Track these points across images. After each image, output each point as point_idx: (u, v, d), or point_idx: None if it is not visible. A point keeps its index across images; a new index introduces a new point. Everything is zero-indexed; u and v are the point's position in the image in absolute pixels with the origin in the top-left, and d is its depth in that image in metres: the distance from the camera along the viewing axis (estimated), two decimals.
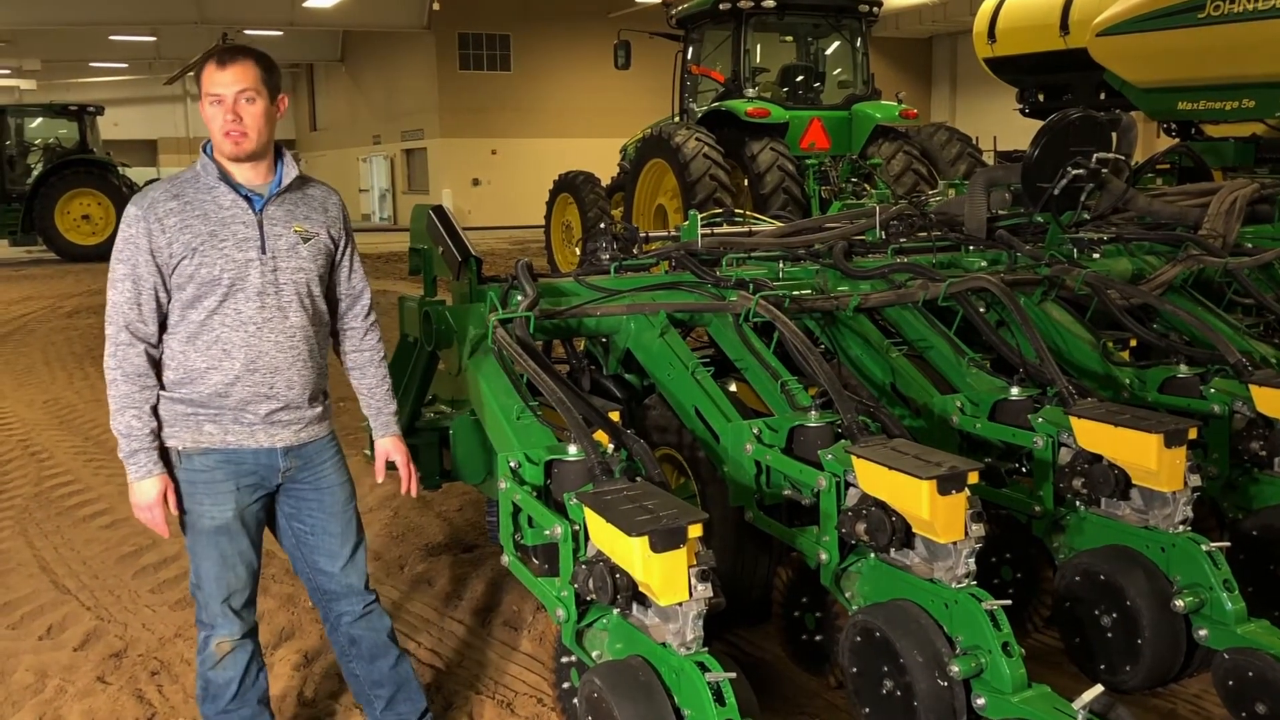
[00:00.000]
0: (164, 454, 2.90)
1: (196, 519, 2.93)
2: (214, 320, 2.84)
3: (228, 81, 2.83)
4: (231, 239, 2.84)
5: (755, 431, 3.60)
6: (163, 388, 2.88)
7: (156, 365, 2.87)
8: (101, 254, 21.43)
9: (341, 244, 3.07)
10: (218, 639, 3.00)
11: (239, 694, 3.04)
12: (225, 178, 2.88)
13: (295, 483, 3.03)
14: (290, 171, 2.96)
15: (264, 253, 2.86)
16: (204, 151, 2.92)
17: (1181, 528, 3.50)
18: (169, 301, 2.85)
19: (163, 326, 2.87)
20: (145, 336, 2.84)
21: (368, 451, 3.60)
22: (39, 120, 23.01)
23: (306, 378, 2.95)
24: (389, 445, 3.21)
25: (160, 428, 2.88)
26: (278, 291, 2.88)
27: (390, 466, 3.27)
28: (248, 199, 2.88)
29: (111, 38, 31.86)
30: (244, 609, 3.02)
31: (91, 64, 36.05)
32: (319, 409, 3.03)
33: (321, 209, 3.02)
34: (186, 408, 2.87)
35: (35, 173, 21.79)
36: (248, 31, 30.50)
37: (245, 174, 2.90)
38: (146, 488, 2.86)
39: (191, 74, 35.43)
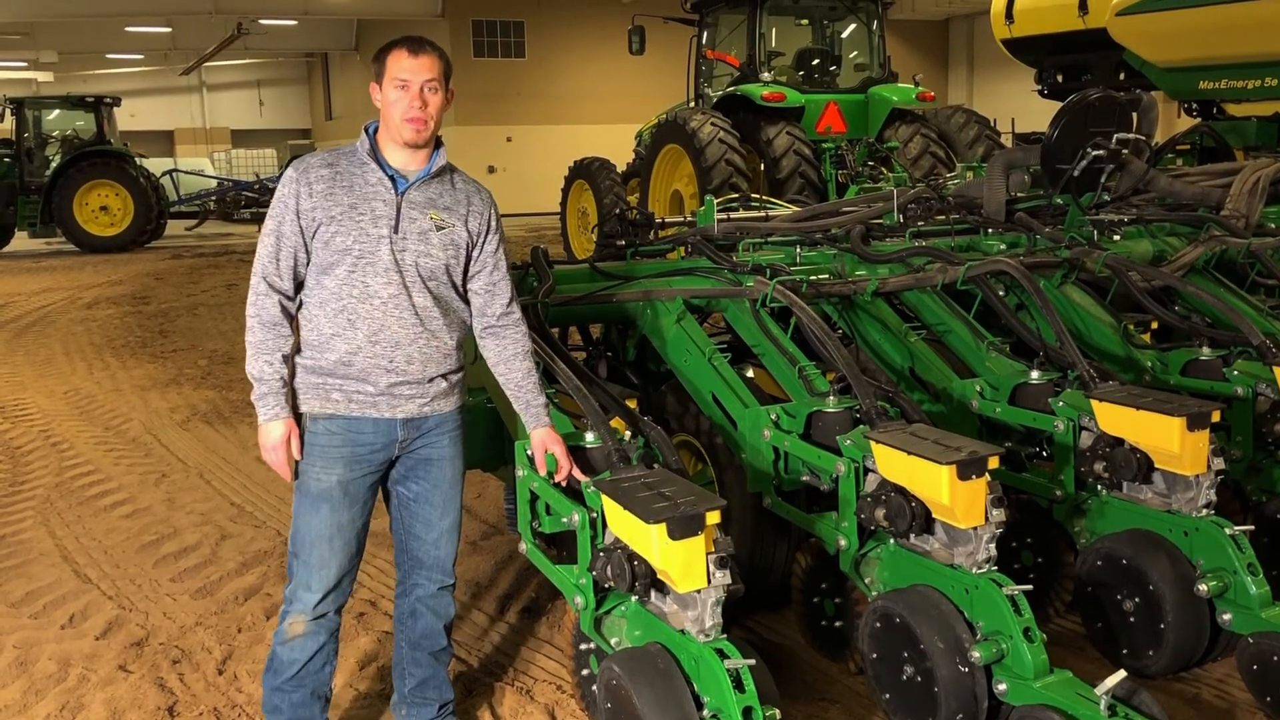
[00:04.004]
0: (296, 413, 3.01)
1: (305, 480, 3.03)
2: (344, 290, 2.94)
3: (417, 69, 2.93)
4: (369, 214, 2.94)
5: (773, 417, 3.59)
6: (300, 350, 3.00)
7: (291, 317, 2.99)
8: (120, 245, 21.57)
9: (480, 239, 3.08)
10: (293, 616, 3.08)
11: (297, 676, 3.10)
12: (377, 156, 2.98)
13: (410, 451, 3.10)
14: (440, 161, 3.02)
15: (396, 233, 2.95)
16: (365, 131, 3.02)
17: (1205, 511, 3.47)
18: (308, 263, 2.97)
19: (300, 285, 2.99)
20: (281, 289, 2.96)
21: None
22: (56, 112, 23.02)
23: (428, 355, 3.01)
24: (545, 436, 3.16)
25: (296, 395, 3.00)
26: (403, 272, 2.96)
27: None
28: (393, 179, 2.97)
29: (127, 29, 31.90)
30: (328, 595, 3.07)
31: (108, 55, 36.13)
32: (443, 385, 3.08)
33: (465, 203, 3.07)
34: (317, 376, 2.99)
35: (53, 164, 21.83)
36: (262, 21, 30.52)
37: (401, 158, 2.99)
38: (272, 429, 2.96)
39: (208, 64, 35.58)
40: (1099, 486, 3.68)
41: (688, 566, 2.68)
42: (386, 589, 4.53)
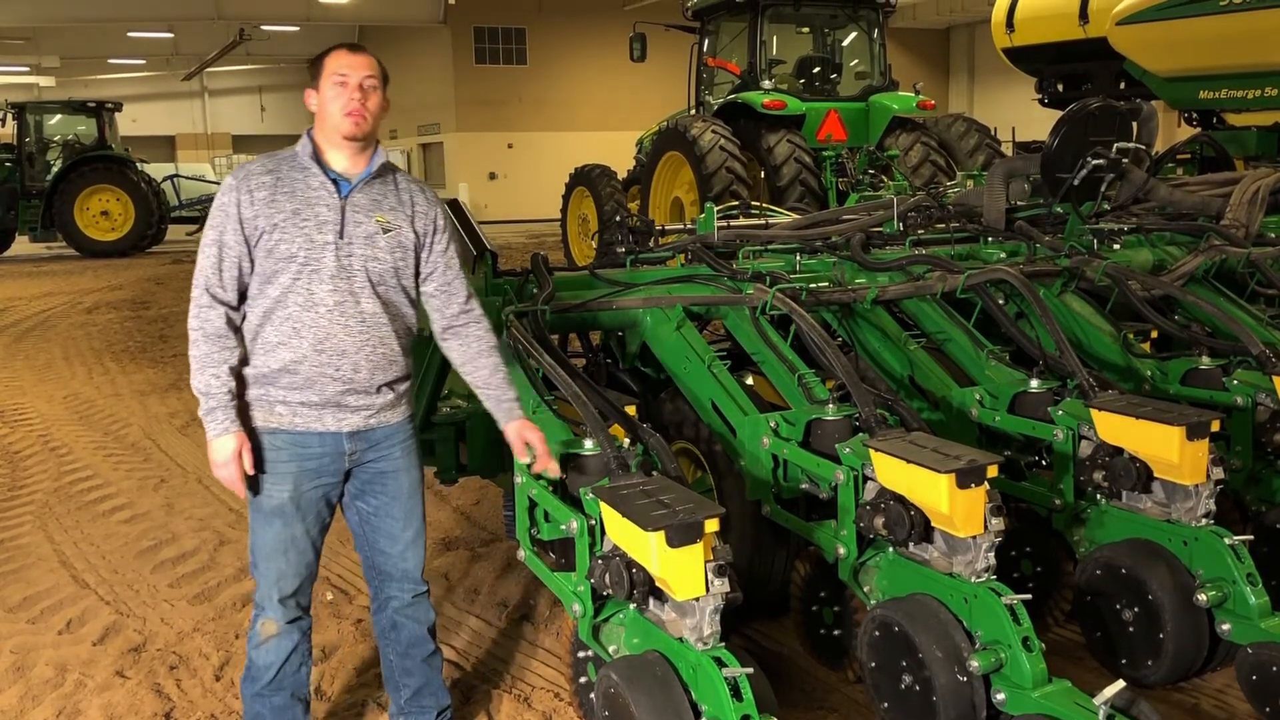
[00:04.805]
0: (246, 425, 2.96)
1: (258, 496, 3.00)
2: (289, 298, 2.89)
3: (355, 65, 2.94)
4: (313, 220, 2.90)
5: (772, 425, 3.59)
6: (244, 361, 2.94)
7: (236, 329, 2.93)
8: (121, 250, 21.59)
9: (428, 239, 3.07)
10: (264, 620, 3.06)
11: (275, 680, 3.08)
12: (319, 160, 2.95)
13: (362, 465, 3.07)
14: (380, 159, 3.01)
15: (341, 238, 2.92)
16: (306, 134, 3.00)
17: (1204, 521, 3.46)
18: (251, 272, 2.92)
19: (244, 295, 2.93)
20: (225, 300, 2.90)
21: None
22: (58, 117, 23.10)
23: (374, 363, 2.97)
24: (519, 428, 3.14)
25: (243, 408, 2.95)
26: (350, 277, 2.92)
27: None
28: (335, 183, 2.95)
29: (129, 34, 32.02)
30: (292, 597, 3.06)
31: (110, 60, 36.25)
32: (390, 396, 3.04)
33: (409, 204, 3.05)
34: (259, 388, 2.93)
35: (54, 169, 21.89)
36: (265, 26, 30.60)
37: (343, 161, 2.97)
38: (222, 445, 2.89)
39: (210, 69, 35.62)
40: (1098, 495, 3.68)
41: (686, 574, 2.67)
42: None
